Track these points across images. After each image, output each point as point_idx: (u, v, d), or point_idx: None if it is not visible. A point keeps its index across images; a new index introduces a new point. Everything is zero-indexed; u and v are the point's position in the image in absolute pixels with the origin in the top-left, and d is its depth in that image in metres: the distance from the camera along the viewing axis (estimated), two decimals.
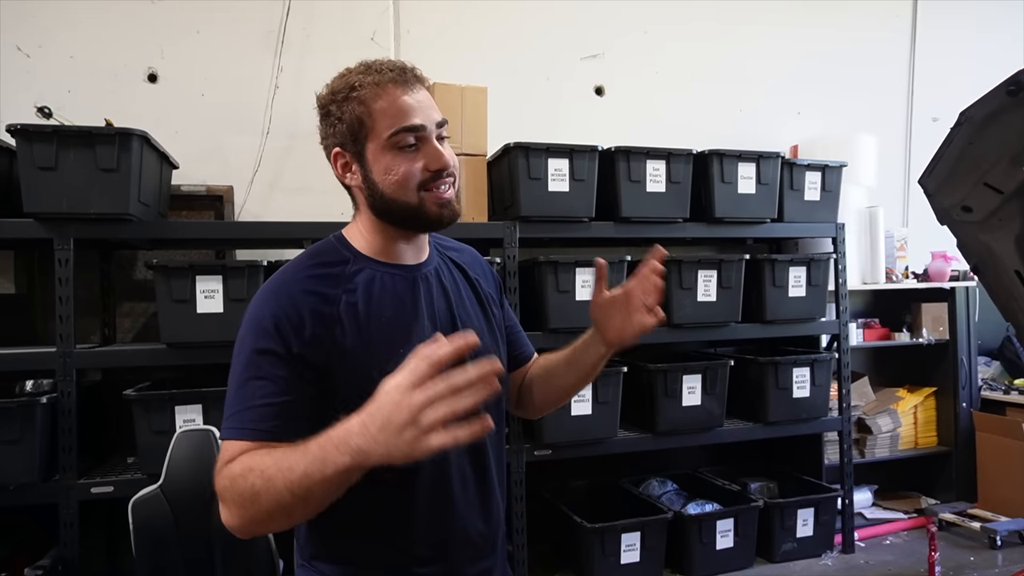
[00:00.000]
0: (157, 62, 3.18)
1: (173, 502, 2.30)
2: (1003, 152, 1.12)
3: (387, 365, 0.98)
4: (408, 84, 1.09)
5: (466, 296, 1.22)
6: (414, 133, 1.07)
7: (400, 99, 1.07)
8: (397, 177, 1.07)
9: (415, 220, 1.10)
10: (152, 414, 2.45)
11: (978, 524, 3.59)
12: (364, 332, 1.06)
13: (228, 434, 1.02)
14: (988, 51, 4.52)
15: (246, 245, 3.17)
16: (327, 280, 1.08)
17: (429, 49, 3.54)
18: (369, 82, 1.08)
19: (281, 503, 0.90)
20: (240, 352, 1.05)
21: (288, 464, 0.89)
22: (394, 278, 1.13)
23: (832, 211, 3.52)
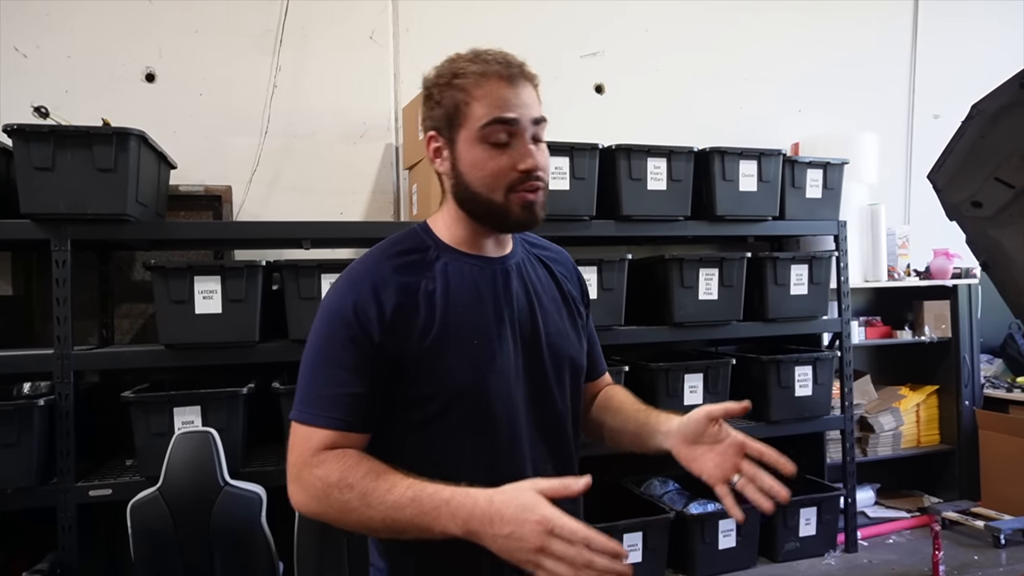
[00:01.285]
0: (155, 62, 3.16)
1: (172, 504, 2.28)
2: (1015, 146, 1.10)
3: (458, 355, 1.05)
4: (513, 78, 1.06)
5: (548, 294, 1.19)
6: (507, 127, 1.04)
7: (499, 91, 1.05)
8: (484, 173, 1.05)
9: (496, 219, 1.09)
10: (150, 416, 2.43)
11: (982, 523, 3.57)
12: (441, 322, 1.05)
13: (307, 418, 1.03)
14: (989, 48, 4.50)
15: (245, 245, 3.15)
16: (407, 269, 1.08)
17: (428, 47, 3.52)
18: (473, 70, 1.05)
19: (368, 526, 0.96)
20: (319, 338, 1.06)
21: (393, 502, 0.93)
22: (474, 269, 1.11)
23: (834, 209, 3.50)
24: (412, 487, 0.93)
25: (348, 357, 1.02)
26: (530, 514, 0.86)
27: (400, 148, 3.47)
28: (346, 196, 3.42)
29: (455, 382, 1.05)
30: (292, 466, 1.02)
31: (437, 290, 1.06)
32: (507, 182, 1.05)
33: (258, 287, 2.55)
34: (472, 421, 1.06)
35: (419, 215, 3.10)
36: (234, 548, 2.37)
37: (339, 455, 0.99)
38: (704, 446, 1.13)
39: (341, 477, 0.96)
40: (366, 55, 3.45)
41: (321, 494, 0.98)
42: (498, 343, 1.08)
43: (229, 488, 2.37)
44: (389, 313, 1.03)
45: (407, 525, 0.92)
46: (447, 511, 0.90)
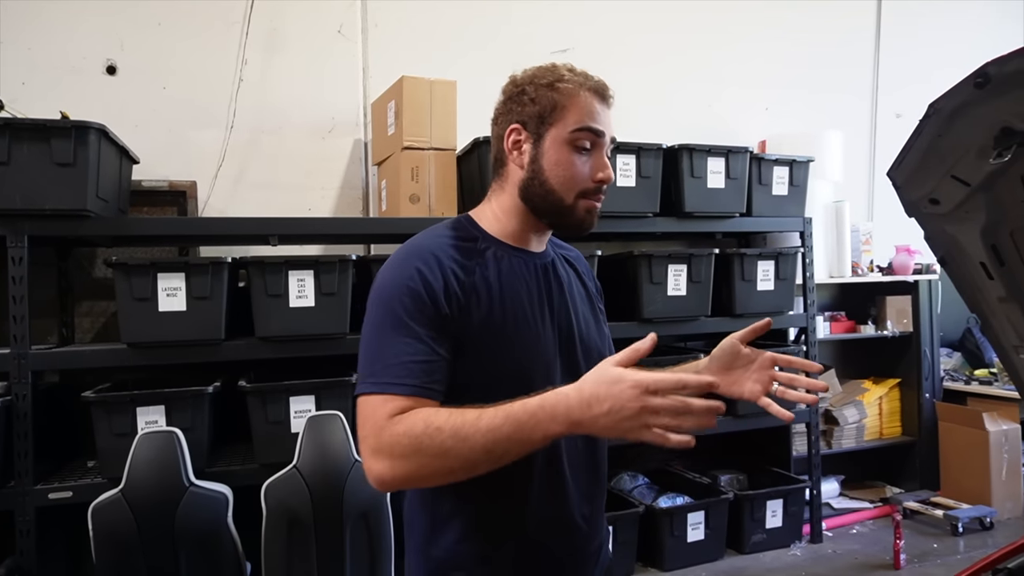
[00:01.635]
0: (116, 54, 3.09)
1: (135, 506, 2.24)
2: (970, 144, 1.13)
3: (508, 344, 1.09)
4: (604, 98, 1.15)
5: (578, 291, 1.26)
6: (593, 137, 1.12)
7: (593, 104, 1.13)
8: (566, 173, 1.12)
9: (559, 217, 1.15)
10: (113, 416, 2.38)
11: (941, 512, 3.67)
12: (494, 308, 1.09)
13: (378, 388, 1.02)
14: (950, 48, 4.61)
15: (210, 242, 3.10)
16: (464, 251, 1.12)
17: (397, 43, 3.49)
18: (574, 80, 1.14)
19: (469, 460, 0.95)
20: (383, 310, 1.07)
21: (487, 426, 0.94)
22: (519, 262, 1.16)
23: (799, 206, 3.56)
24: (499, 409, 0.95)
25: (417, 325, 1.04)
26: (623, 384, 0.90)
27: (369, 143, 3.44)
28: (314, 192, 3.38)
29: (504, 367, 1.09)
30: (368, 438, 1.01)
31: (491, 277, 1.11)
32: (581, 187, 1.12)
33: (223, 284, 2.51)
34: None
35: (388, 211, 3.08)
36: (200, 549, 2.33)
37: (412, 412, 1.00)
38: (740, 369, 1.24)
39: (427, 423, 0.97)
40: (334, 49, 3.41)
41: (410, 449, 0.97)
42: (542, 334, 1.14)
43: (194, 488, 2.33)
44: (454, 287, 1.07)
45: (507, 443, 0.94)
46: (545, 415, 0.93)
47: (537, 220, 1.16)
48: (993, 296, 1.39)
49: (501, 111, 1.19)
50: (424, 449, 0.96)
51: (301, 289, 2.60)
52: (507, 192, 1.17)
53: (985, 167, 1.14)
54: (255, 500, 2.41)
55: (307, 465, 2.42)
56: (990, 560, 1.46)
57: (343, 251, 2.77)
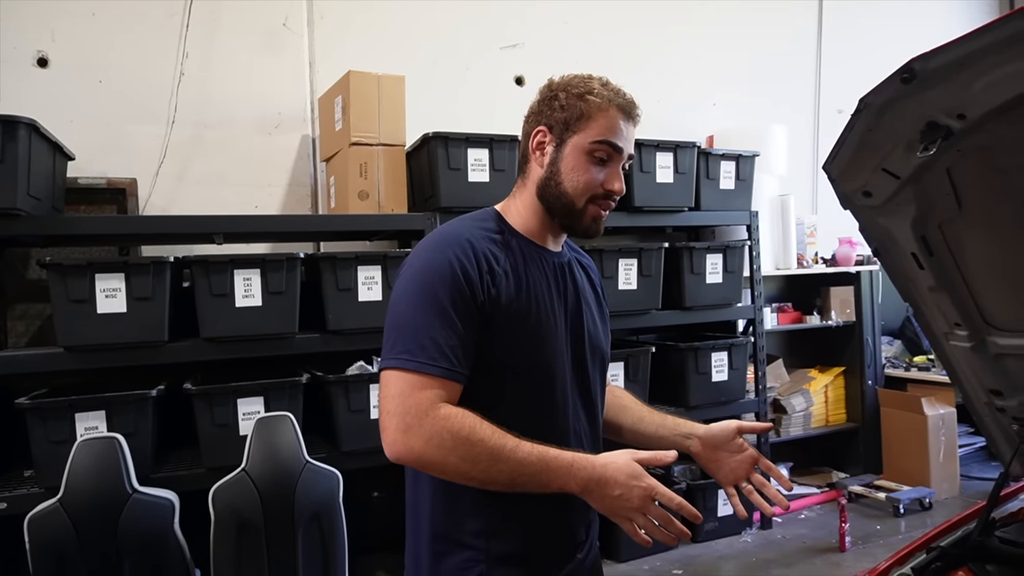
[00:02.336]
0: (47, 46, 2.97)
1: (75, 516, 2.16)
2: (899, 138, 1.16)
3: (530, 331, 1.16)
4: (630, 117, 1.22)
5: (589, 293, 1.33)
6: (612, 151, 1.19)
7: (617, 120, 1.20)
8: (580, 179, 1.19)
9: (568, 219, 1.22)
10: (49, 423, 2.29)
11: (883, 494, 3.80)
12: (518, 298, 1.16)
13: (413, 365, 1.08)
14: (889, 46, 4.75)
15: (152, 241, 3.00)
16: (492, 241, 1.19)
17: (344, 37, 3.44)
18: (604, 95, 1.20)
19: (490, 478, 1.07)
20: (421, 289, 1.11)
21: (522, 458, 1.06)
22: (541, 258, 1.23)
23: (746, 199, 3.63)
24: (535, 448, 1.07)
25: (453, 308, 1.10)
26: (638, 481, 1.07)
27: (317, 139, 3.38)
28: (261, 189, 3.30)
29: (529, 354, 1.16)
30: (405, 414, 1.06)
31: (518, 267, 1.18)
32: (592, 193, 1.19)
33: (166, 284, 2.44)
34: (535, 392, 1.18)
35: (337, 208, 3.04)
36: (145, 558, 2.26)
37: (463, 412, 1.07)
38: (725, 452, 1.32)
39: (472, 432, 1.05)
40: (279, 43, 3.34)
41: (448, 444, 1.05)
42: (557, 327, 1.21)
43: (138, 495, 2.26)
44: (486, 275, 1.13)
45: (530, 480, 1.07)
46: (569, 472, 1.07)
47: (551, 220, 1.23)
48: (924, 285, 1.43)
49: (533, 111, 1.26)
50: (460, 451, 1.05)
51: (248, 288, 2.54)
52: (528, 189, 1.25)
53: (913, 160, 1.18)
54: (204, 505, 2.35)
55: (256, 468, 2.37)
56: (925, 539, 1.51)
57: (292, 249, 2.72)
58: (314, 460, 2.46)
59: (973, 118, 1.07)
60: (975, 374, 1.53)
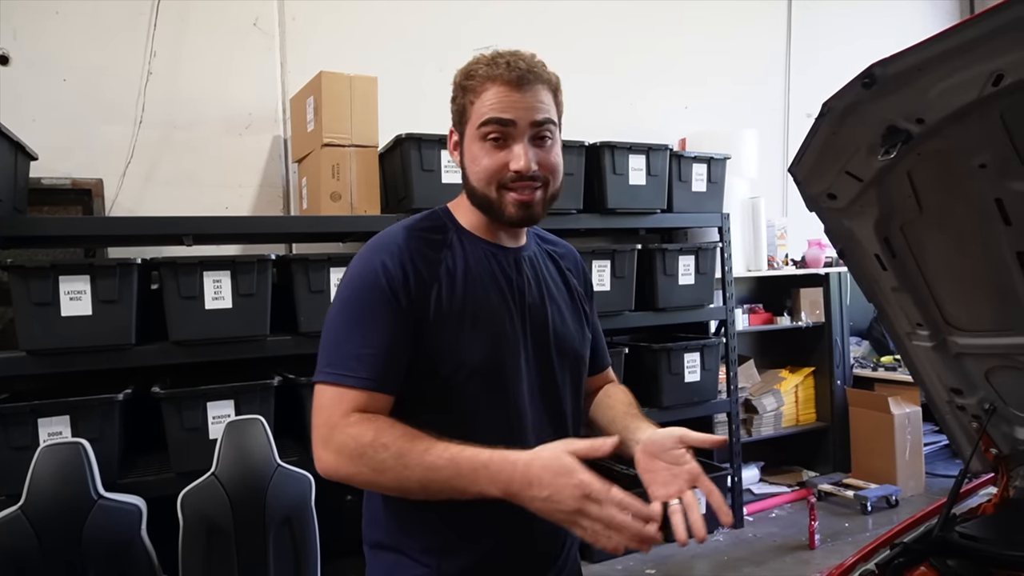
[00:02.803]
0: (8, 43, 2.90)
1: (36, 523, 2.11)
2: (861, 142, 1.19)
3: (470, 334, 1.08)
4: (518, 81, 1.08)
5: (557, 287, 1.24)
6: (501, 128, 1.08)
7: (500, 93, 1.08)
8: (479, 168, 1.10)
9: (492, 213, 1.13)
10: (10, 429, 2.24)
11: (852, 492, 3.86)
12: (458, 300, 1.09)
13: (335, 379, 1.04)
14: (858, 50, 4.82)
15: (119, 243, 2.95)
16: (429, 243, 1.12)
17: (316, 37, 3.41)
18: (482, 73, 1.10)
19: (404, 487, 0.98)
20: (346, 300, 1.08)
21: (431, 463, 0.96)
22: (490, 255, 1.15)
23: (718, 202, 3.67)
24: (448, 449, 0.96)
25: (377, 318, 1.05)
26: (567, 478, 0.91)
27: (289, 140, 3.35)
28: (231, 190, 3.26)
29: (470, 357, 1.08)
30: (321, 427, 1.03)
31: (457, 269, 1.11)
32: (499, 179, 1.09)
33: (133, 286, 2.39)
34: (484, 399, 1.09)
35: (309, 209, 3.01)
36: (110, 565, 2.22)
37: (371, 417, 1.01)
38: (662, 463, 1.11)
39: (376, 436, 0.98)
40: (250, 43, 3.30)
41: (355, 453, 0.99)
42: (510, 328, 1.13)
43: (103, 502, 2.22)
44: (413, 279, 1.07)
45: (443, 486, 0.96)
46: (486, 474, 0.95)
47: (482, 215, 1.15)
48: (887, 286, 1.46)
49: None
50: (365, 460, 0.98)
51: (217, 290, 2.51)
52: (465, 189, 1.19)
53: (875, 163, 1.20)
54: (172, 511, 2.32)
55: (226, 472, 2.33)
56: (889, 535, 1.54)
57: (263, 251, 2.69)
58: (286, 464, 2.43)
59: (931, 122, 1.10)
60: (936, 373, 1.57)
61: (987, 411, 1.52)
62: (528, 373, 1.14)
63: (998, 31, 0.93)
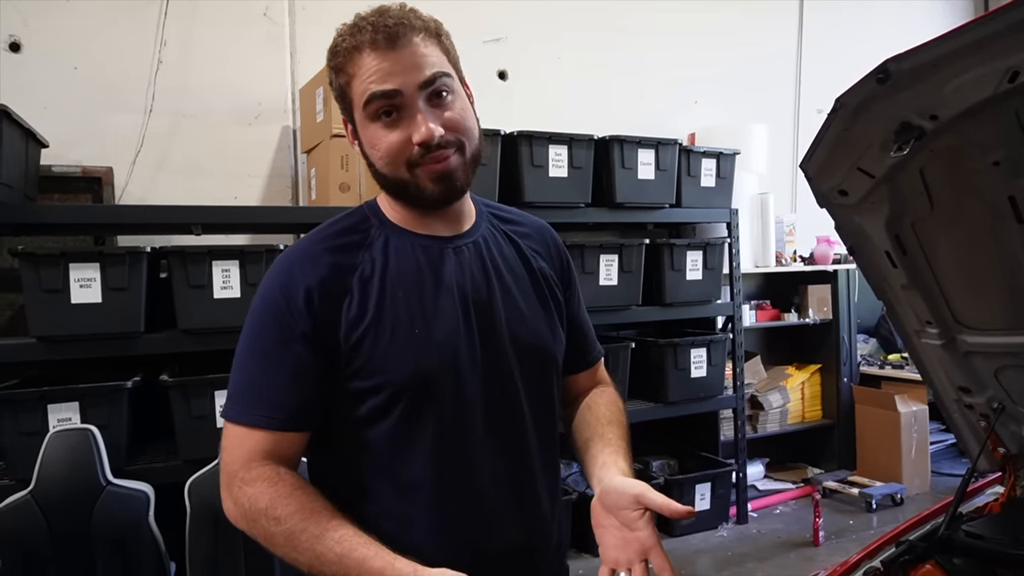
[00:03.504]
0: (20, 30, 2.91)
1: (46, 508, 2.14)
2: (874, 138, 1.18)
3: (400, 344, 0.95)
4: (388, 41, 0.93)
5: (512, 274, 1.07)
6: (387, 101, 0.93)
7: (372, 62, 0.93)
8: (381, 153, 0.95)
9: (413, 197, 0.98)
10: (20, 414, 2.26)
11: (856, 490, 3.86)
12: (377, 307, 0.96)
13: (239, 418, 0.95)
14: (870, 46, 4.80)
15: (129, 231, 2.97)
16: (342, 251, 0.98)
17: (326, 27, 3.35)
18: (346, 47, 0.95)
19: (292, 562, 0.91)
20: (249, 329, 0.98)
21: (320, 553, 0.88)
22: (418, 249, 1.01)
23: (727, 197, 3.66)
24: (341, 542, 0.88)
25: (278, 348, 0.94)
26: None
27: (298, 131, 3.35)
28: (240, 180, 3.27)
29: (395, 374, 0.95)
30: (223, 472, 0.96)
31: (375, 273, 0.97)
32: (406, 157, 0.94)
33: (142, 275, 2.41)
34: (416, 418, 0.96)
35: (318, 200, 3.02)
36: (119, 551, 2.24)
37: (272, 478, 0.92)
38: (616, 521, 0.98)
39: (269, 506, 0.90)
40: (260, 32, 3.30)
41: (249, 516, 0.92)
42: (446, 331, 0.98)
43: (112, 488, 2.24)
44: (318, 299, 0.94)
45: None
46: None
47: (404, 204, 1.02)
48: (897, 284, 1.45)
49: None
50: (258, 527, 0.92)
51: (226, 280, 2.52)
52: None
53: (887, 160, 1.19)
54: (180, 498, 2.33)
55: None
56: (895, 533, 1.54)
57: (271, 241, 2.69)
58: None
59: (945, 119, 1.09)
60: (945, 371, 1.56)
61: (995, 410, 1.51)
62: (476, 388, 0.99)
63: (1015, 27, 0.92)
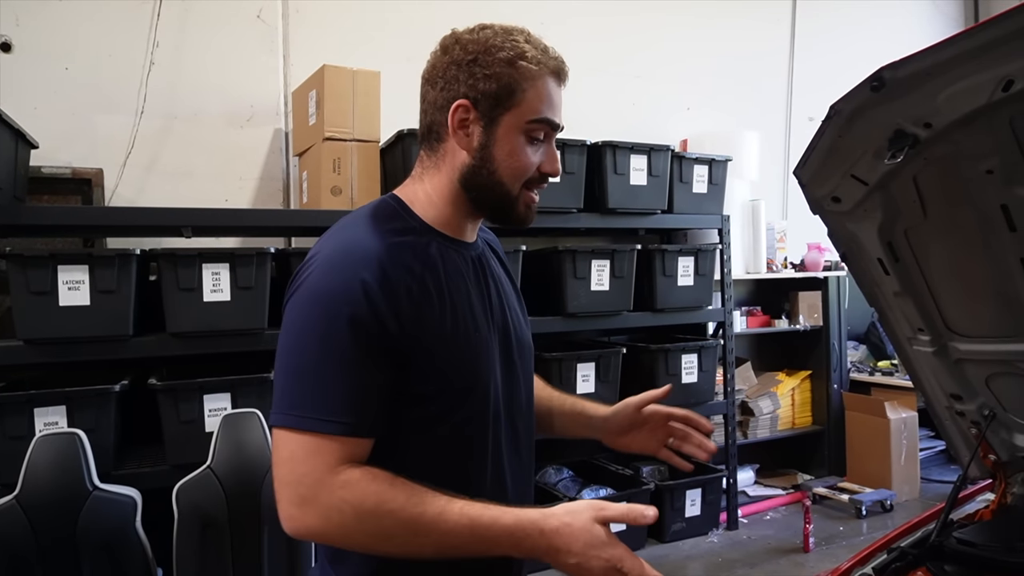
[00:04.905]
0: (11, 30, 2.89)
1: (32, 513, 2.11)
2: (867, 145, 1.18)
3: (458, 352, 0.99)
4: (562, 80, 1.05)
5: (503, 280, 1.15)
6: (549, 130, 1.03)
7: (554, 91, 1.02)
8: (517, 164, 1.00)
9: (500, 209, 1.04)
10: (6, 418, 2.23)
11: (847, 496, 3.87)
12: (444, 315, 0.98)
13: (307, 424, 0.89)
14: (861, 54, 4.84)
15: (118, 233, 2.94)
16: (408, 251, 0.98)
17: (319, 31, 3.40)
18: (538, 59, 1.01)
19: (410, 552, 0.90)
20: (314, 328, 0.91)
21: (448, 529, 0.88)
22: (459, 257, 1.05)
23: (718, 203, 3.67)
24: (464, 512, 0.89)
25: (357, 349, 0.90)
26: (599, 551, 0.88)
27: (290, 134, 3.34)
28: (232, 182, 3.25)
29: (463, 377, 1.00)
30: (297, 485, 0.89)
31: (441, 279, 0.99)
32: (528, 178, 1.02)
33: (131, 277, 2.39)
34: (474, 418, 1.01)
35: (309, 203, 3.00)
36: (105, 556, 2.21)
37: (367, 477, 0.89)
38: (634, 430, 1.23)
39: (379, 503, 0.88)
40: (253, 35, 3.29)
41: (352, 520, 0.88)
42: (487, 338, 1.04)
43: (99, 492, 2.21)
44: (404, 298, 0.93)
45: (460, 550, 0.90)
46: (509, 541, 0.90)
47: (475, 210, 1.05)
48: (889, 290, 1.46)
49: (444, 76, 1.03)
50: (367, 528, 0.89)
51: (216, 283, 2.50)
52: (444, 174, 1.03)
53: (881, 167, 1.20)
54: (167, 503, 2.31)
55: (222, 465, 2.33)
56: (886, 540, 1.54)
57: (262, 244, 2.68)
58: None
59: (939, 127, 1.09)
60: (936, 378, 1.57)
61: (986, 417, 1.52)
62: (500, 388, 1.06)
63: (1009, 36, 0.93)
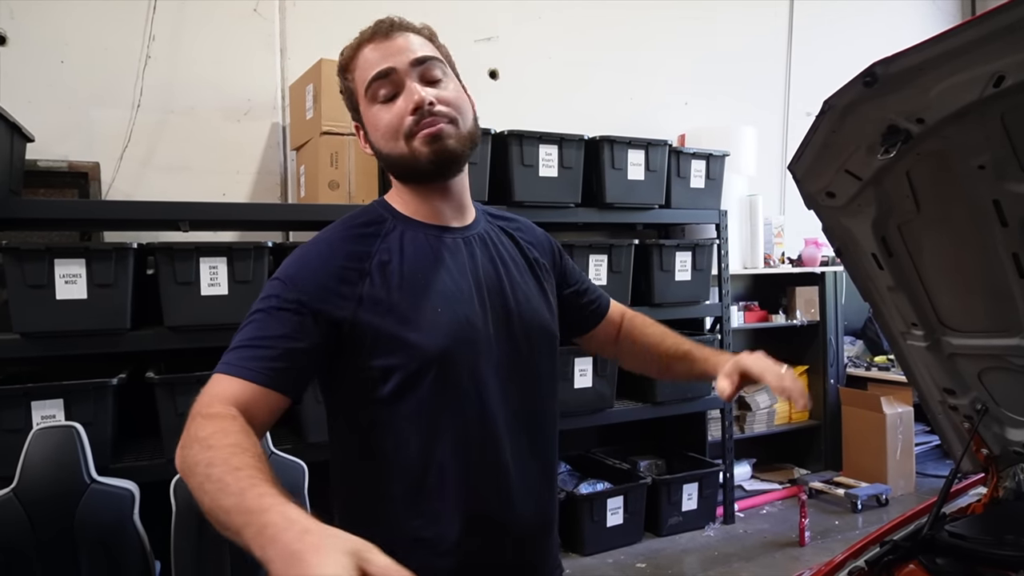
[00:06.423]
0: (5, 22, 2.88)
1: (29, 507, 2.12)
2: (861, 140, 1.19)
3: (423, 325, 1.01)
4: (382, 35, 1.06)
5: (514, 262, 1.17)
6: (385, 80, 1.04)
7: (370, 53, 1.06)
8: (382, 130, 1.05)
9: (412, 169, 1.06)
10: (3, 411, 2.23)
11: (842, 491, 3.88)
12: (397, 288, 1.02)
13: (220, 368, 0.96)
14: (859, 49, 4.82)
15: (116, 226, 2.94)
16: (360, 239, 1.05)
17: (316, 23, 3.39)
18: (353, 46, 1.08)
19: (199, 501, 0.79)
20: (256, 302, 1.01)
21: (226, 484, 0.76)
22: (432, 238, 1.09)
23: (716, 198, 3.67)
24: (253, 477, 0.76)
25: (279, 315, 0.97)
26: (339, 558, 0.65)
27: (287, 127, 3.34)
28: (229, 176, 3.25)
29: (419, 351, 1.00)
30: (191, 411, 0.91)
31: (392, 259, 1.04)
32: (404, 129, 1.03)
33: (129, 271, 2.39)
34: (438, 396, 1.01)
35: (307, 197, 3.00)
36: (103, 549, 2.22)
37: (228, 416, 0.87)
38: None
39: (211, 435, 0.83)
40: (250, 28, 3.28)
41: (185, 443, 0.85)
42: (466, 311, 1.05)
43: (96, 486, 2.22)
44: (333, 280, 1.00)
45: (225, 520, 0.75)
46: (256, 523, 0.71)
47: (420, 186, 1.09)
48: (883, 285, 1.47)
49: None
50: (186, 456, 0.83)
51: (214, 277, 2.50)
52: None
53: (874, 163, 1.20)
54: (165, 496, 2.32)
55: None
56: (879, 533, 1.55)
57: (260, 238, 2.68)
58: (279, 451, 2.43)
59: (931, 123, 1.10)
60: (930, 373, 1.57)
61: (979, 412, 1.53)
62: (493, 361, 1.06)
63: (1000, 32, 0.93)
